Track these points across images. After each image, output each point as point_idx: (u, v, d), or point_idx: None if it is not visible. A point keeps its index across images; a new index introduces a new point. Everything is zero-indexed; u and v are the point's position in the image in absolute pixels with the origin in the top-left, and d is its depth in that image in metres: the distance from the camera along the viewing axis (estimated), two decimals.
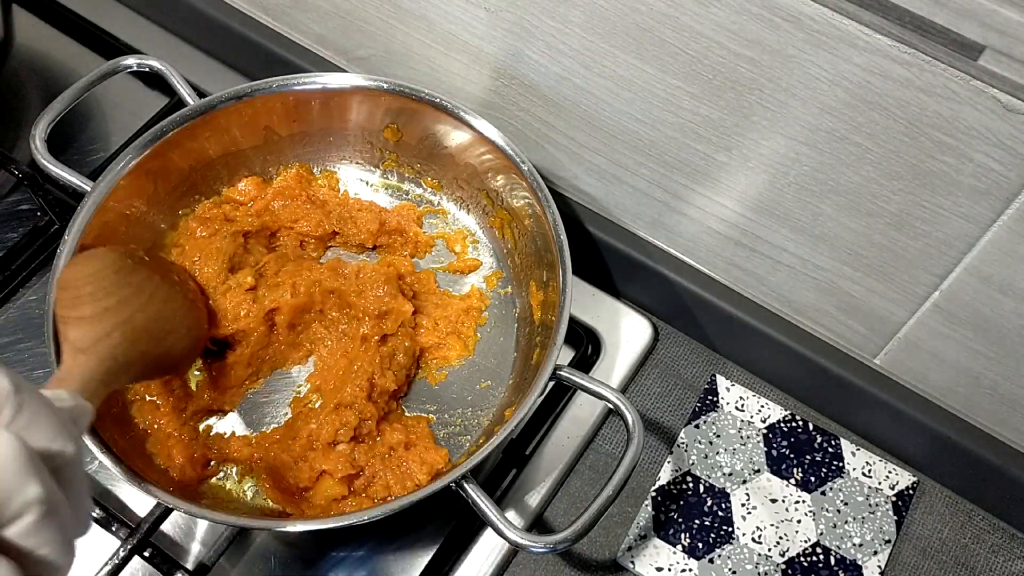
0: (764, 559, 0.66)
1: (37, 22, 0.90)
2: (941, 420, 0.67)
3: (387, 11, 0.73)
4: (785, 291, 0.69)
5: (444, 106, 0.70)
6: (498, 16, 0.65)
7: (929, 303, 0.61)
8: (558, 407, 0.71)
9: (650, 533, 0.67)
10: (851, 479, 0.69)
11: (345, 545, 0.66)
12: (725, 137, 0.61)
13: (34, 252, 0.75)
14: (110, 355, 0.54)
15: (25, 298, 0.74)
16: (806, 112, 0.55)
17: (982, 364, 0.62)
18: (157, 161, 0.69)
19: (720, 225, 0.67)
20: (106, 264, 0.60)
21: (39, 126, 0.68)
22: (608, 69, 0.62)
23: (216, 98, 0.69)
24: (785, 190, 0.61)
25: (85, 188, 0.66)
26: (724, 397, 0.72)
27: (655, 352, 0.76)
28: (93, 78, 0.70)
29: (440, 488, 0.57)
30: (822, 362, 0.69)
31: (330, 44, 0.81)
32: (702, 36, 0.55)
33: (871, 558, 0.66)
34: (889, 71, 0.50)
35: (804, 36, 0.51)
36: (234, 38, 0.85)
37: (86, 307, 0.56)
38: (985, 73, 0.47)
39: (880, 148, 0.54)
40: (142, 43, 0.88)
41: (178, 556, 0.64)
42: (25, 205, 0.78)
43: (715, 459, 0.70)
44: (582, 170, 0.72)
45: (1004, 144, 0.49)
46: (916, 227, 0.57)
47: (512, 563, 0.66)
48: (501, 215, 0.73)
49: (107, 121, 0.84)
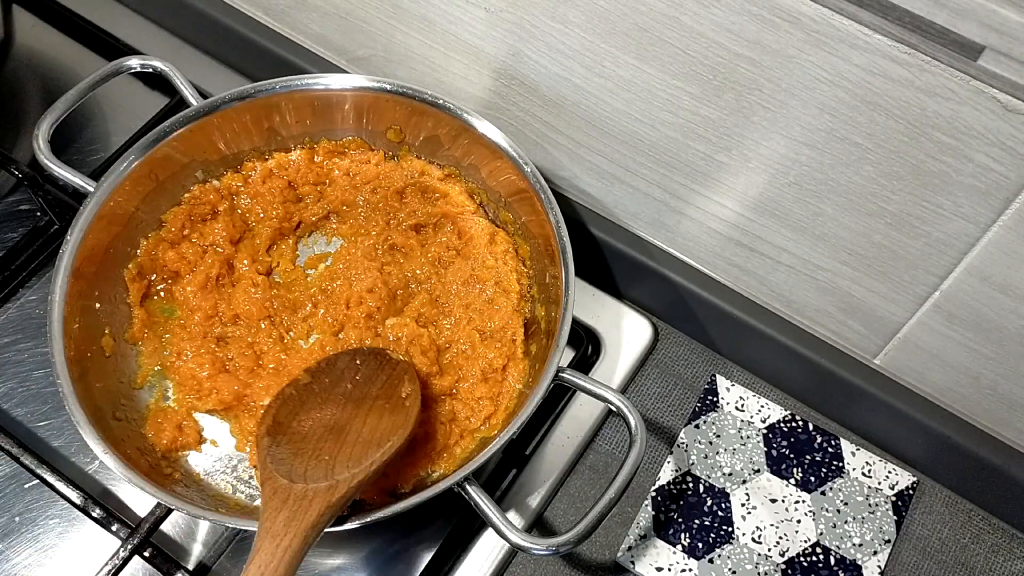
0: (764, 559, 0.66)
1: (37, 22, 0.90)
2: (941, 420, 0.67)
3: (387, 11, 0.73)
4: (785, 291, 0.69)
5: (447, 107, 0.70)
6: (498, 16, 0.65)
7: (929, 303, 0.61)
8: (558, 407, 0.71)
9: (650, 533, 0.67)
10: (851, 479, 0.69)
11: (346, 545, 0.66)
12: (725, 137, 0.61)
13: (34, 252, 0.75)
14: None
15: (25, 298, 0.74)
16: (806, 112, 0.55)
17: (982, 364, 0.62)
18: (160, 161, 0.69)
19: (720, 225, 0.67)
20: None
21: (42, 127, 0.68)
22: (608, 69, 0.62)
23: (219, 98, 0.70)
24: (785, 190, 0.61)
25: (88, 189, 0.66)
26: (724, 397, 0.72)
27: (655, 352, 0.76)
28: (96, 79, 0.70)
29: (443, 490, 0.57)
30: (822, 362, 0.69)
31: (330, 44, 0.81)
32: (702, 36, 0.56)
33: (871, 558, 0.66)
34: (889, 71, 0.50)
35: (804, 36, 0.51)
36: (233, 38, 0.85)
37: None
38: (985, 73, 0.47)
39: (880, 148, 0.54)
40: (142, 43, 0.88)
41: (178, 556, 0.64)
42: (25, 205, 0.78)
43: (715, 459, 0.70)
44: (582, 170, 0.72)
45: (1004, 144, 0.49)
46: (916, 227, 0.57)
47: (512, 563, 0.66)
48: (503, 216, 0.73)
49: (107, 121, 0.84)
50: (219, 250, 0.71)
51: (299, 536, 0.51)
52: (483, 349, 0.68)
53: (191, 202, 0.72)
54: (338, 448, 0.57)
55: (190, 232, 0.71)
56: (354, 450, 0.57)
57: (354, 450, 0.57)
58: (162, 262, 0.70)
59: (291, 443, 0.57)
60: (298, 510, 0.52)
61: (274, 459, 0.56)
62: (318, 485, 0.54)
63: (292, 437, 0.58)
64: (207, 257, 0.71)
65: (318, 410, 0.60)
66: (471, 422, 0.66)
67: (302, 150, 0.75)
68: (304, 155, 0.75)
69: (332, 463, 0.56)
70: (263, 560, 0.49)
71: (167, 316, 0.70)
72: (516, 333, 0.68)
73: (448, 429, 0.65)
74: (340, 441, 0.58)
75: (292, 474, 0.54)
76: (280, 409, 0.60)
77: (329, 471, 0.55)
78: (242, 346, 0.68)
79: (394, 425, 0.59)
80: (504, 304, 0.69)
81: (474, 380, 0.67)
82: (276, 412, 0.59)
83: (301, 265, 0.73)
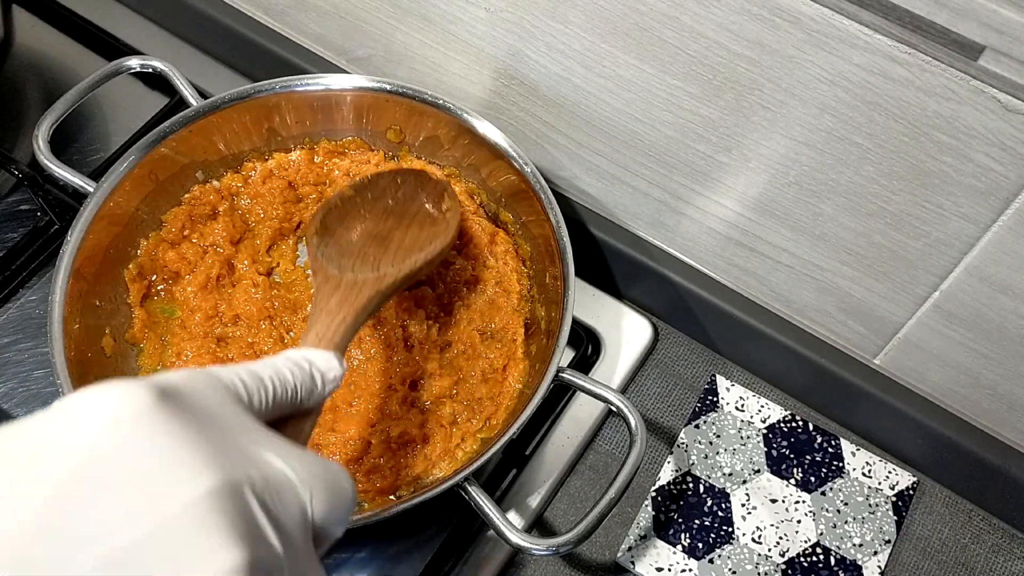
0: (764, 559, 0.66)
1: (37, 22, 0.90)
2: (941, 420, 0.67)
3: (387, 11, 0.73)
4: (785, 291, 0.69)
5: (447, 107, 0.70)
6: (498, 16, 0.65)
7: (929, 303, 0.61)
8: (558, 407, 0.71)
9: (650, 533, 0.67)
10: (851, 479, 0.69)
11: (346, 545, 0.66)
12: (725, 137, 0.61)
13: (34, 252, 0.75)
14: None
15: (25, 298, 0.74)
16: (806, 112, 0.55)
17: (982, 364, 0.62)
18: (160, 161, 0.69)
19: (720, 225, 0.67)
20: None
21: (42, 127, 0.68)
22: (608, 69, 0.62)
23: (219, 99, 0.70)
24: (785, 190, 0.61)
25: (88, 189, 0.66)
26: (724, 397, 0.72)
27: (655, 352, 0.76)
28: (96, 79, 0.70)
29: (443, 490, 0.57)
30: (822, 362, 0.69)
31: (330, 44, 0.81)
32: (702, 36, 0.55)
33: (871, 558, 0.66)
34: (889, 71, 0.50)
35: (804, 36, 0.51)
36: (233, 38, 0.85)
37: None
38: (985, 73, 0.47)
39: (880, 148, 0.54)
40: (141, 43, 0.88)
41: None
42: (25, 205, 0.78)
43: (715, 459, 0.70)
44: (582, 170, 0.72)
45: (1004, 144, 0.49)
46: (916, 227, 0.57)
47: (512, 563, 0.66)
48: (503, 216, 0.73)
49: (107, 121, 0.84)
50: (219, 250, 0.71)
51: (352, 314, 0.54)
52: (483, 349, 0.68)
53: (191, 202, 0.72)
54: (382, 252, 0.61)
55: (190, 232, 0.71)
56: (396, 255, 0.61)
57: (396, 255, 0.61)
58: (162, 262, 0.70)
59: (338, 245, 0.61)
60: (349, 294, 0.56)
61: (325, 255, 0.60)
62: (367, 275, 0.58)
63: (339, 240, 0.62)
64: (207, 257, 0.71)
65: (361, 221, 0.64)
66: (472, 423, 0.66)
67: (302, 150, 0.75)
68: (304, 155, 0.75)
69: (377, 263, 0.60)
70: (319, 331, 0.52)
71: (167, 316, 0.70)
72: (516, 333, 0.68)
73: (448, 432, 0.65)
74: (384, 247, 0.62)
75: (341, 268, 0.58)
76: (327, 215, 0.63)
77: (375, 268, 0.59)
78: (242, 346, 0.68)
79: (434, 234, 0.64)
80: (504, 304, 0.69)
81: (474, 380, 0.67)
82: (323, 217, 0.63)
83: (301, 265, 0.73)
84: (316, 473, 0.37)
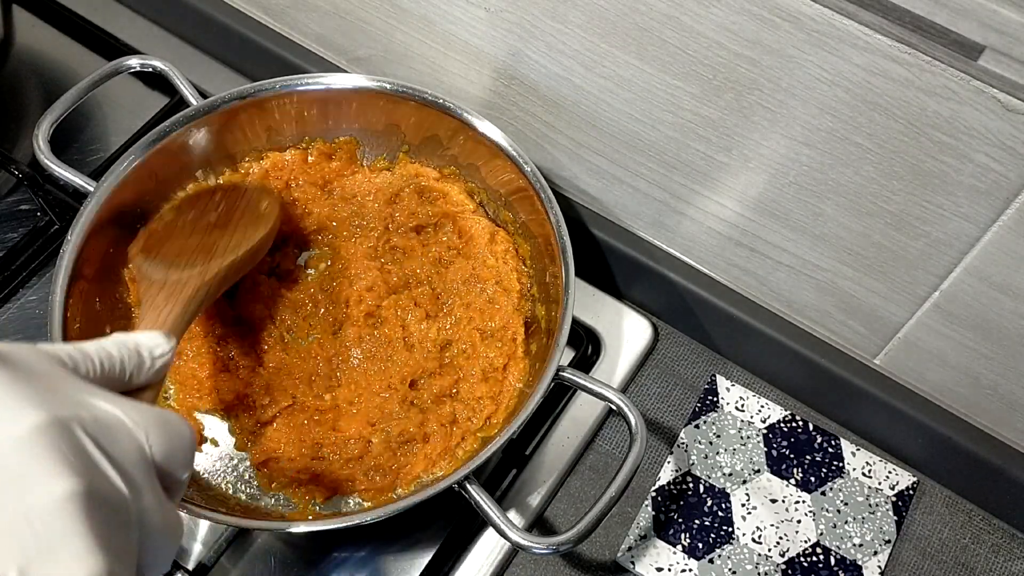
0: (764, 559, 0.66)
1: (37, 22, 0.90)
2: (941, 420, 0.67)
3: (387, 11, 0.73)
4: (785, 291, 0.69)
5: (447, 107, 0.70)
6: (498, 16, 0.65)
7: (929, 303, 0.61)
8: (558, 407, 0.71)
9: (650, 533, 0.67)
10: (851, 479, 0.69)
11: (346, 545, 0.66)
12: (725, 137, 0.61)
13: (34, 252, 0.75)
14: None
15: (25, 298, 0.74)
16: (806, 112, 0.55)
17: (982, 364, 0.62)
18: (160, 161, 0.69)
19: (720, 225, 0.68)
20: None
21: (42, 127, 0.68)
22: (608, 69, 0.62)
23: (219, 98, 0.70)
24: (785, 190, 0.61)
25: (88, 188, 0.66)
26: (724, 397, 0.72)
27: (655, 352, 0.76)
28: (96, 78, 0.70)
29: (443, 489, 0.57)
30: (822, 362, 0.69)
31: (330, 44, 0.81)
32: (702, 36, 0.56)
33: (871, 558, 0.66)
34: (889, 71, 0.50)
35: (804, 36, 0.51)
36: (233, 38, 0.85)
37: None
38: (985, 73, 0.47)
39: (880, 148, 0.54)
40: (141, 43, 0.88)
41: (178, 556, 0.64)
42: (25, 205, 0.78)
43: (715, 459, 0.70)
44: (582, 170, 0.72)
45: (1004, 144, 0.49)
46: (916, 227, 0.57)
47: (512, 563, 0.66)
48: (503, 215, 0.73)
49: (107, 121, 0.84)
50: None
51: (180, 304, 0.57)
52: (484, 348, 0.68)
53: None
54: (209, 258, 0.63)
55: None
56: (225, 255, 0.63)
57: (225, 255, 0.63)
58: None
59: (163, 260, 0.62)
60: (174, 290, 0.58)
61: (149, 268, 0.61)
62: (192, 272, 0.60)
63: (164, 257, 0.63)
64: None
65: (186, 238, 0.65)
66: (472, 423, 0.66)
67: (301, 150, 0.75)
68: (302, 155, 0.75)
69: (205, 264, 0.62)
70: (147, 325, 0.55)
71: None
72: (517, 332, 0.68)
73: (449, 431, 0.65)
74: (210, 254, 0.63)
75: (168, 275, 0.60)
76: (148, 240, 0.65)
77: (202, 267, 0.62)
78: (243, 346, 0.68)
79: (258, 229, 0.67)
80: (504, 303, 0.69)
81: (475, 380, 0.67)
82: (145, 241, 0.65)
83: (302, 264, 0.73)
84: (150, 417, 0.39)
